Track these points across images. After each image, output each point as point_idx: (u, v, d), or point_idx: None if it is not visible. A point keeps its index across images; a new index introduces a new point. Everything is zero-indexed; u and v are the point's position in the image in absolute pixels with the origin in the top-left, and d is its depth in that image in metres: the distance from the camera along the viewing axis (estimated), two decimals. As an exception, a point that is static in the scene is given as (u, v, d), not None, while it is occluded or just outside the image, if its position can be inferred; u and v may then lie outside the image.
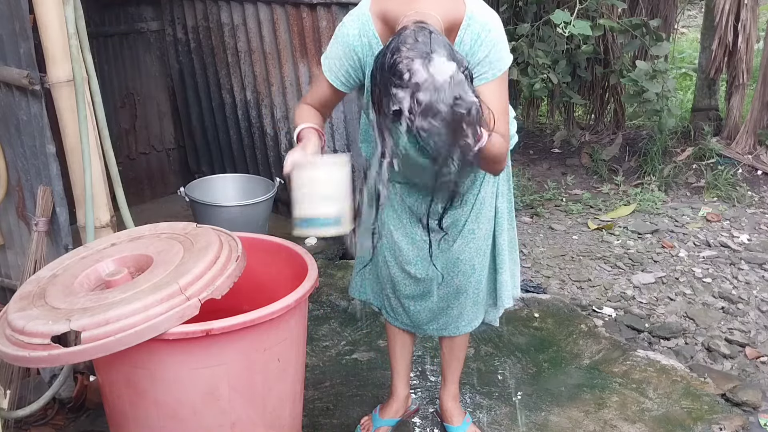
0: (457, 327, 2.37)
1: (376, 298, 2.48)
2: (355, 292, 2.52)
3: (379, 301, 2.47)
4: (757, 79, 5.25)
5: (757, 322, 3.39)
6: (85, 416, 2.64)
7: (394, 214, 2.25)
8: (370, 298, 2.49)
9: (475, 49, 1.91)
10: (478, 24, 1.91)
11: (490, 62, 1.92)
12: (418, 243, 2.23)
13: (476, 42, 1.91)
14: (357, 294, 2.52)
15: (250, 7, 3.98)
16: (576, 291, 3.70)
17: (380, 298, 2.45)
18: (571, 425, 2.61)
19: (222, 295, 1.84)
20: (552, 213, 4.66)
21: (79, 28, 2.39)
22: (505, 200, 2.29)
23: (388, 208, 2.25)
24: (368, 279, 2.46)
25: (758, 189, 4.88)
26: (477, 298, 2.35)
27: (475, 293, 2.32)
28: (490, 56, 1.92)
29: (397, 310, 2.39)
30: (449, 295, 2.30)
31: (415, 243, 2.23)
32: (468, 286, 2.29)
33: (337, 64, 2.01)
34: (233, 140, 4.49)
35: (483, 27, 1.91)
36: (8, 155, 2.67)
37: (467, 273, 2.26)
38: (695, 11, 8.87)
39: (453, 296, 2.30)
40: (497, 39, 1.94)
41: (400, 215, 2.25)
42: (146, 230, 2.16)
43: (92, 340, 1.68)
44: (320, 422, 2.64)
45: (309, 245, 3.98)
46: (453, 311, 2.34)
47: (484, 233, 2.24)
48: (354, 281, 2.51)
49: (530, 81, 4.74)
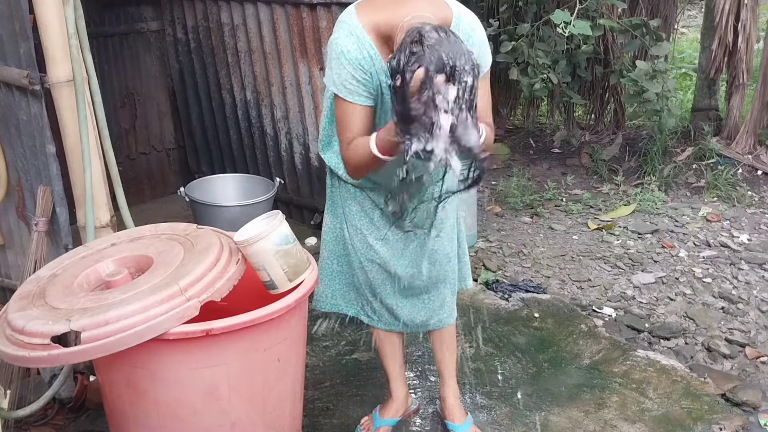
0: (440, 318, 2.41)
1: (350, 305, 2.44)
2: (322, 304, 2.44)
3: (355, 308, 2.44)
4: (757, 79, 5.25)
5: (757, 322, 3.39)
6: (85, 416, 2.64)
7: (366, 218, 2.27)
8: (342, 307, 2.44)
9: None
10: (466, 24, 2.01)
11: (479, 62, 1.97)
12: (391, 242, 2.27)
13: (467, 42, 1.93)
14: (327, 306, 2.44)
15: (250, 7, 3.98)
16: (576, 291, 3.70)
17: (356, 304, 2.43)
18: (571, 425, 2.61)
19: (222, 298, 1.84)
20: (552, 213, 4.66)
21: (79, 28, 2.39)
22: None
23: (360, 213, 2.28)
24: (339, 289, 2.42)
25: (758, 189, 4.88)
26: (453, 287, 2.43)
27: (452, 281, 2.40)
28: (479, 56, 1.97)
29: (380, 312, 2.39)
30: (429, 286, 2.35)
31: (388, 243, 2.27)
32: (446, 275, 2.35)
33: (354, 84, 1.95)
34: (233, 140, 4.49)
35: (470, 27, 2.02)
36: (8, 155, 2.67)
37: (442, 262, 2.32)
38: (695, 11, 8.87)
39: (433, 287, 2.35)
40: (482, 38, 2.05)
41: (372, 218, 2.27)
42: (147, 231, 2.17)
43: (92, 341, 1.68)
44: (320, 422, 2.64)
45: (309, 245, 3.98)
46: (435, 302, 2.38)
47: (452, 222, 2.33)
48: (322, 295, 2.43)
49: (530, 81, 4.74)
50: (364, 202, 2.27)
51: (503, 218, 4.53)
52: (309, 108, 3.94)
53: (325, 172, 4.02)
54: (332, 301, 2.44)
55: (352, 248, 2.31)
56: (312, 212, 4.29)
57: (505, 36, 4.87)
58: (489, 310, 3.41)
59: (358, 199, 2.27)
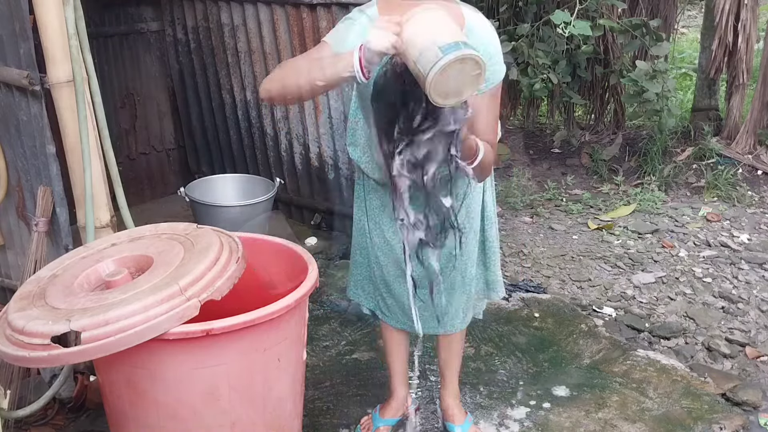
0: (453, 324, 2.39)
1: (369, 299, 2.48)
2: (351, 293, 2.53)
3: (373, 302, 2.47)
4: (757, 79, 5.25)
5: (758, 321, 3.39)
6: (85, 416, 2.64)
7: (386, 214, 2.26)
8: (362, 299, 2.50)
9: None
10: (477, 38, 1.92)
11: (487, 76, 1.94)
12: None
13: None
14: (353, 295, 2.53)
15: (250, 7, 3.98)
16: (576, 291, 3.70)
17: (374, 299, 2.46)
18: (571, 425, 2.61)
19: (222, 297, 1.84)
20: (552, 213, 4.66)
21: (79, 28, 2.39)
22: (490, 193, 2.33)
23: (379, 207, 2.27)
24: (360, 281, 2.47)
25: (758, 189, 4.88)
26: (470, 293, 2.39)
27: (468, 288, 2.36)
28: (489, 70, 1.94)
29: (392, 309, 2.39)
30: (444, 291, 2.31)
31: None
32: (462, 281, 2.31)
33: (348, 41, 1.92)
34: (233, 140, 4.49)
35: (481, 42, 1.91)
36: (8, 155, 2.67)
37: (460, 268, 2.28)
38: (695, 11, 8.87)
39: (448, 292, 2.31)
40: (494, 52, 1.98)
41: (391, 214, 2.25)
42: (147, 231, 2.16)
43: (92, 341, 1.68)
44: (320, 422, 2.64)
45: (309, 245, 3.98)
46: (450, 308, 2.35)
47: (474, 227, 2.29)
48: (350, 284, 2.52)
49: (530, 81, 4.74)
50: (384, 198, 2.24)
51: (503, 218, 4.53)
52: (309, 108, 3.95)
53: (325, 171, 4.07)
54: (355, 291, 2.50)
55: (370, 242, 2.32)
56: (312, 212, 4.29)
57: (505, 36, 4.87)
58: (489, 309, 3.40)
59: (379, 194, 2.26)
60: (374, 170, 2.22)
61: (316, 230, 4.20)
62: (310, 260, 2.12)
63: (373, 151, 2.10)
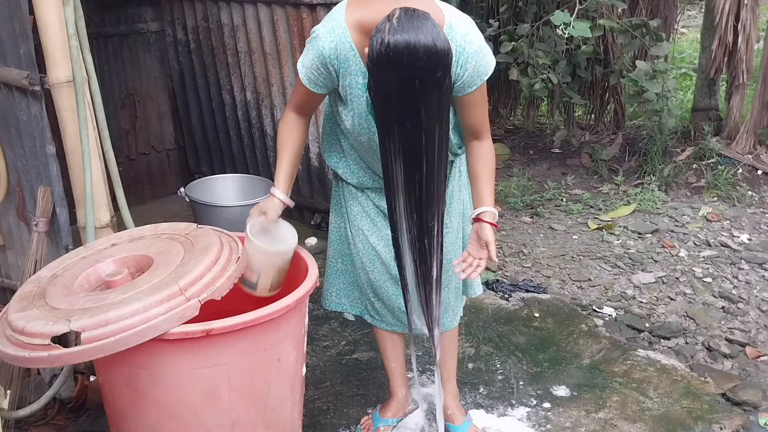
0: (443, 323, 2.38)
1: (354, 305, 2.46)
2: (330, 304, 2.49)
3: (359, 308, 2.46)
4: (757, 79, 5.25)
5: (758, 321, 3.39)
6: (86, 416, 2.64)
7: (368, 219, 2.28)
8: (346, 307, 2.48)
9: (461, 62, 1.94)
10: (459, 36, 1.93)
11: (478, 73, 1.98)
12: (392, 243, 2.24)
13: (461, 55, 1.93)
14: (334, 306, 2.48)
15: (250, 7, 3.98)
16: (576, 291, 3.70)
17: (360, 304, 2.45)
18: (572, 425, 2.61)
19: (222, 296, 1.84)
20: (552, 213, 4.66)
21: (79, 28, 2.39)
22: (466, 192, 2.32)
23: (362, 213, 2.28)
24: (343, 288, 2.45)
25: (758, 189, 4.88)
26: (458, 291, 2.40)
27: (456, 286, 2.37)
28: (478, 67, 1.97)
29: (382, 313, 2.40)
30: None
31: (389, 243, 2.24)
32: (449, 279, 2.32)
33: (315, 74, 2.01)
34: (233, 140, 4.49)
35: (463, 39, 1.93)
36: (8, 156, 2.67)
37: (446, 267, 2.28)
38: (695, 11, 8.87)
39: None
40: (479, 47, 1.97)
41: (373, 219, 2.28)
42: (147, 231, 2.17)
43: (92, 341, 1.68)
44: (320, 422, 2.64)
45: (309, 245, 3.98)
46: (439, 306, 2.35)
47: (457, 226, 2.30)
48: (327, 293, 2.48)
49: (530, 81, 4.74)
50: (365, 203, 2.27)
51: (503, 218, 4.53)
52: (309, 108, 3.94)
53: (324, 171, 4.07)
54: (337, 300, 2.47)
55: (354, 248, 2.32)
56: (312, 212, 4.29)
57: (505, 36, 4.88)
58: (489, 309, 3.41)
59: (359, 200, 2.28)
60: (352, 175, 2.25)
61: (316, 230, 4.20)
62: (310, 260, 2.13)
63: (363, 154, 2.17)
